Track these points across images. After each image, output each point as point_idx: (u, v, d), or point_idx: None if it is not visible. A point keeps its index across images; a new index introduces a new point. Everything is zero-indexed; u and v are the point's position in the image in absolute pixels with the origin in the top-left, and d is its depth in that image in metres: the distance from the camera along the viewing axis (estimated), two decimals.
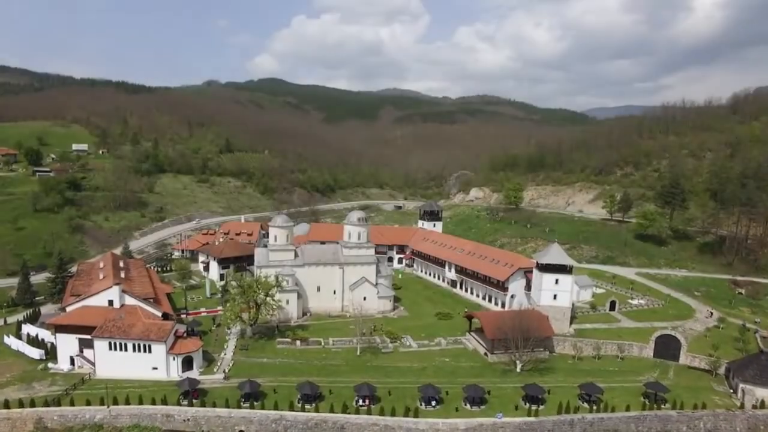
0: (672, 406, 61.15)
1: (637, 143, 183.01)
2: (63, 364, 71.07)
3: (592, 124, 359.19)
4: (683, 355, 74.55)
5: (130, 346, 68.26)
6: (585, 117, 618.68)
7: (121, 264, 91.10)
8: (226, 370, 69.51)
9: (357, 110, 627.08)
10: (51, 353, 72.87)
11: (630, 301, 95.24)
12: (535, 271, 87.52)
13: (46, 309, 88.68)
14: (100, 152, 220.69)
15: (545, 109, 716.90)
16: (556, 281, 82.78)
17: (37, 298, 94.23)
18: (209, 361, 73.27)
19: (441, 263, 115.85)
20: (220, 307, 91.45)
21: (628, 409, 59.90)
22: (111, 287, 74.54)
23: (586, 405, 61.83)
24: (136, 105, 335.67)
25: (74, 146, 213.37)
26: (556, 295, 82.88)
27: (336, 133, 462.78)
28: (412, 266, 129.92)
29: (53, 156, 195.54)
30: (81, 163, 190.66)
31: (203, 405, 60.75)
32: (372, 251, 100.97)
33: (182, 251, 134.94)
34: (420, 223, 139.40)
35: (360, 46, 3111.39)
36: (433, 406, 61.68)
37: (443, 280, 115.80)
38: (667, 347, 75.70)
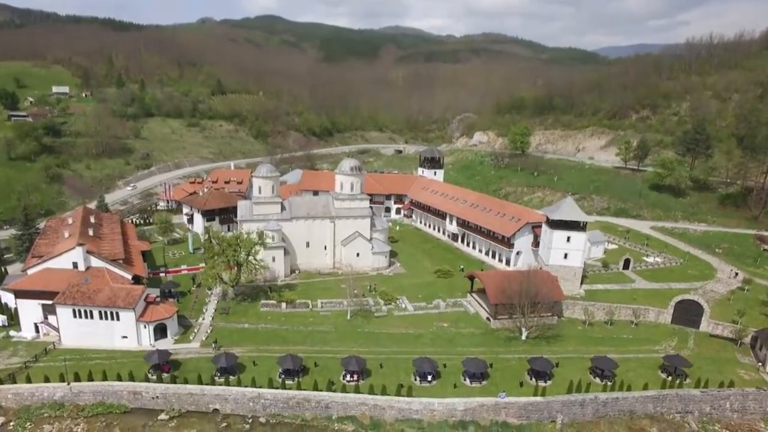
0: (694, 383, 55.00)
1: (655, 84, 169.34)
2: (26, 332, 65.13)
3: (603, 63, 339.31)
4: (705, 321, 67.93)
5: (96, 314, 61.96)
6: (596, 56, 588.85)
7: (93, 220, 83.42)
8: (215, 342, 62.99)
9: (357, 49, 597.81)
10: (15, 319, 66.94)
11: (645, 258, 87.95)
12: (544, 227, 79.79)
13: (15, 269, 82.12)
14: (83, 95, 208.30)
15: (554, 48, 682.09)
16: (568, 239, 75.21)
17: (6, 256, 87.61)
18: (186, 327, 67.19)
19: (442, 215, 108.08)
20: (202, 264, 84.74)
21: (646, 387, 53.88)
22: (74, 248, 67.22)
23: (598, 380, 55.88)
24: (123, 44, 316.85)
25: (54, 88, 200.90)
26: (567, 254, 75.58)
27: (334, 74, 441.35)
28: (411, 217, 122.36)
29: (31, 99, 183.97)
30: (61, 107, 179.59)
31: (174, 380, 55.03)
32: (366, 203, 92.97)
33: (167, 201, 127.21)
34: (420, 170, 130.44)
35: None
36: (429, 382, 55.78)
37: (444, 233, 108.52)
38: (687, 312, 69.05)
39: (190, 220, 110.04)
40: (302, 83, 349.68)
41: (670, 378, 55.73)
